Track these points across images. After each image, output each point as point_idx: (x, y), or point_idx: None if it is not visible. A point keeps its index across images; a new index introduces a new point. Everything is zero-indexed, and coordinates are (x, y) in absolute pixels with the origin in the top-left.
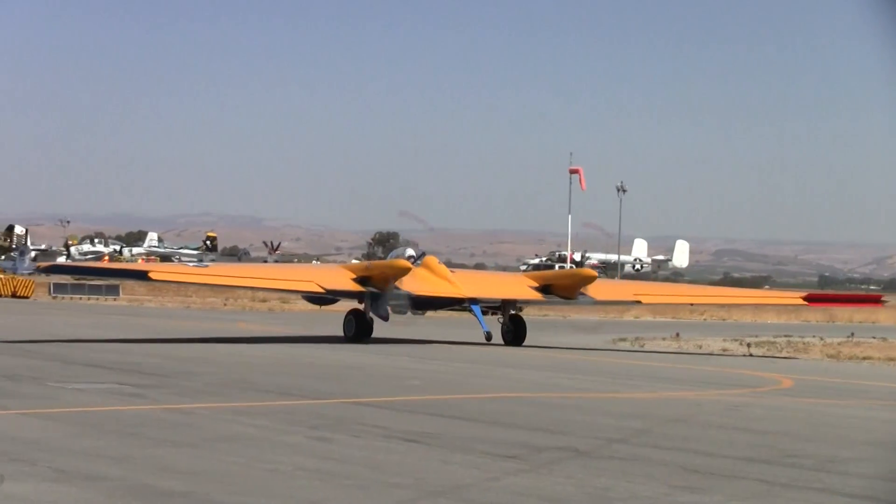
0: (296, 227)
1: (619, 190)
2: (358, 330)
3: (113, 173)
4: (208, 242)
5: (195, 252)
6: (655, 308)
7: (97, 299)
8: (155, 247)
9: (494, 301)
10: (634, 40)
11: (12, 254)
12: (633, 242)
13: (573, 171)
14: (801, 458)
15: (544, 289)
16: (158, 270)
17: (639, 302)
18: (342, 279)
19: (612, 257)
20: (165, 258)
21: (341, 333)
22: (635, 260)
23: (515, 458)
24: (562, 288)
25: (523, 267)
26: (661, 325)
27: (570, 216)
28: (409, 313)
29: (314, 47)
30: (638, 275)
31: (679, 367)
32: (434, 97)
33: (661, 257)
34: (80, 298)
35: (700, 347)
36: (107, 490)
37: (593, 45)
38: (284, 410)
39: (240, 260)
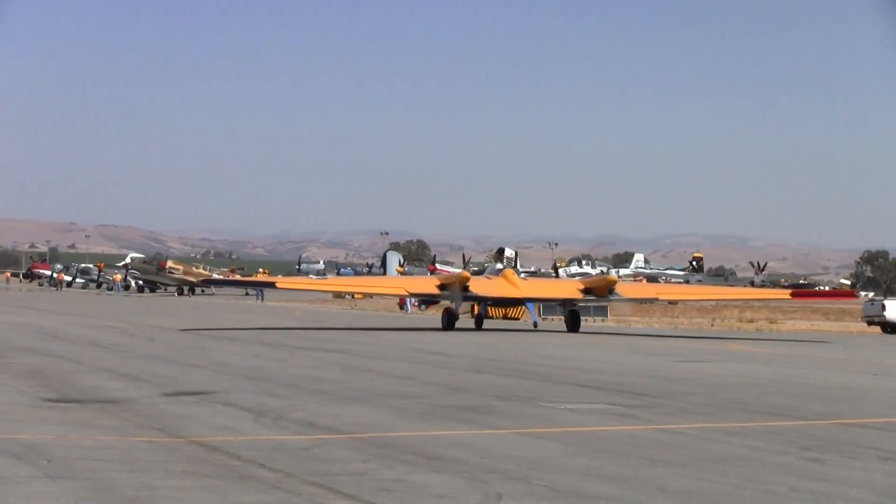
0: (781, 247)
1: None
2: (449, 322)
3: (600, 197)
4: (694, 263)
5: (681, 273)
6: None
7: (585, 320)
8: (641, 268)
9: (551, 300)
10: None
11: None
12: None
13: None
14: None
15: (586, 290)
16: (283, 281)
17: (656, 299)
18: (427, 286)
19: None
20: (651, 279)
21: None
22: None
23: None
24: (598, 289)
25: None
26: None
27: None
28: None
29: None
30: None
31: None
32: None
33: None
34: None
35: None
36: None
37: None
38: (773, 431)
39: (726, 280)
